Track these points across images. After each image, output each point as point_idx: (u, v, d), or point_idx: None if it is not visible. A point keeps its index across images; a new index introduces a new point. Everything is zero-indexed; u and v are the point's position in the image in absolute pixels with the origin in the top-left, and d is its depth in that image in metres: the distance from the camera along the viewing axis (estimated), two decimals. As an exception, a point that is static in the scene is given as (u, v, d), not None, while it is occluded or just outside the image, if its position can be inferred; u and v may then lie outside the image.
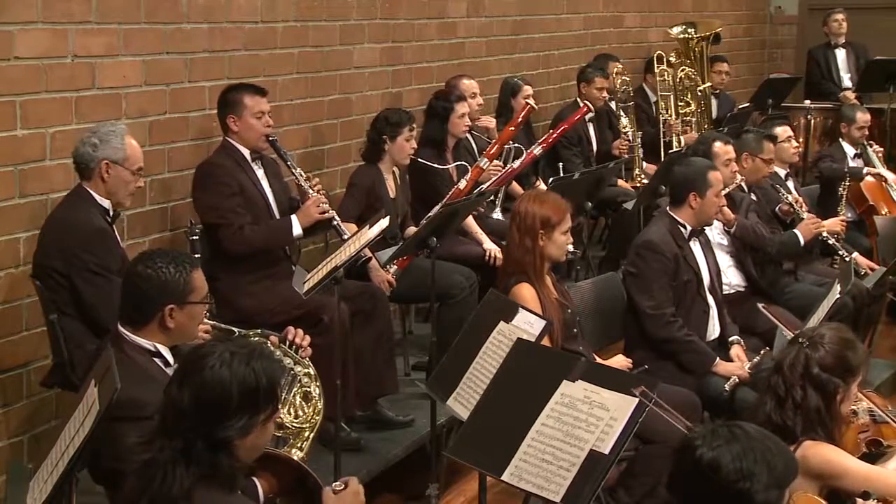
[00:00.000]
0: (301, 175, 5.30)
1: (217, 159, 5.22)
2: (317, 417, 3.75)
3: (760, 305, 5.30)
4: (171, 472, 2.72)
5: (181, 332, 3.52)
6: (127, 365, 3.32)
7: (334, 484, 3.04)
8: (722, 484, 2.60)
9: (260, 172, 5.29)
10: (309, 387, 3.80)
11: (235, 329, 3.91)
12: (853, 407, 3.62)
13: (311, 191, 5.26)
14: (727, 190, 5.93)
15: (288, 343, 3.86)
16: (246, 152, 5.23)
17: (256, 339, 3.82)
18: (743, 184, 6.33)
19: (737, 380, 5.08)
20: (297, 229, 5.20)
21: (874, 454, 3.74)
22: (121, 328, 3.50)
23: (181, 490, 2.71)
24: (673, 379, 4.98)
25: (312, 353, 5.07)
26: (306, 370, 3.82)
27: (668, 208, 5.41)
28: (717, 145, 6.06)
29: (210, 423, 2.74)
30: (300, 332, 3.92)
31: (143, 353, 3.47)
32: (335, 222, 5.28)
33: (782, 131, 7.10)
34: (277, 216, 5.29)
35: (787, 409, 3.45)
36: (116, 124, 4.58)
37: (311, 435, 3.68)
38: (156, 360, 3.49)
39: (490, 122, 7.32)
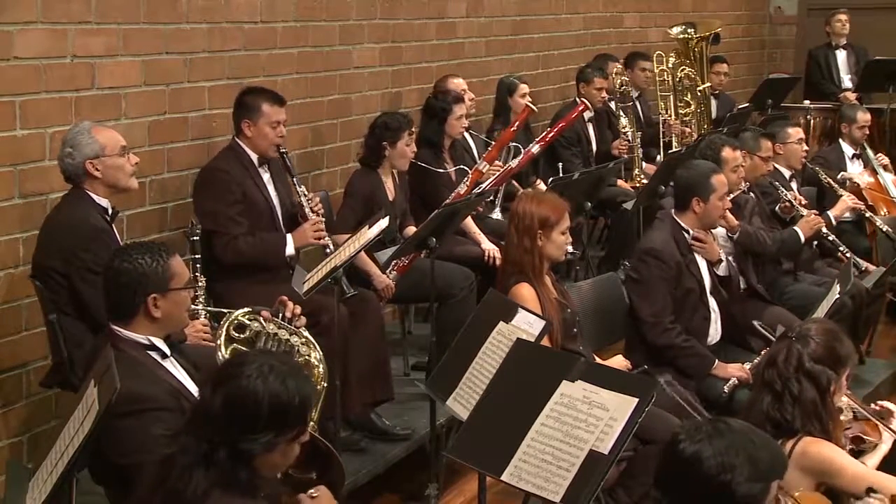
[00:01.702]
0: (305, 194, 5.28)
1: (223, 164, 5.20)
2: (322, 384, 3.75)
3: (757, 324, 5.23)
4: (187, 474, 2.73)
5: (169, 321, 3.53)
6: (122, 361, 3.33)
7: (310, 491, 3.05)
8: (703, 477, 2.64)
9: (266, 177, 5.28)
10: (309, 355, 3.80)
11: (226, 310, 3.91)
12: (839, 404, 3.65)
13: (311, 213, 5.24)
14: (733, 195, 5.93)
15: (281, 316, 3.86)
16: (254, 157, 5.22)
17: (247, 317, 3.82)
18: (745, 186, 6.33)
19: (736, 382, 5.08)
20: (290, 249, 5.19)
21: (856, 451, 3.77)
22: (112, 326, 3.51)
23: (195, 494, 2.71)
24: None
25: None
26: (303, 340, 3.82)
27: (672, 212, 5.39)
28: (727, 151, 6.01)
29: (236, 433, 2.75)
30: (291, 303, 3.91)
31: (137, 348, 3.48)
32: (328, 249, 5.23)
33: (794, 132, 7.07)
34: (281, 221, 5.29)
35: (784, 403, 3.48)
36: (79, 124, 4.54)
37: (319, 402, 3.68)
38: (151, 353, 3.50)
39: None
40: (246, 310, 3.87)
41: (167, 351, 3.53)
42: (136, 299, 3.47)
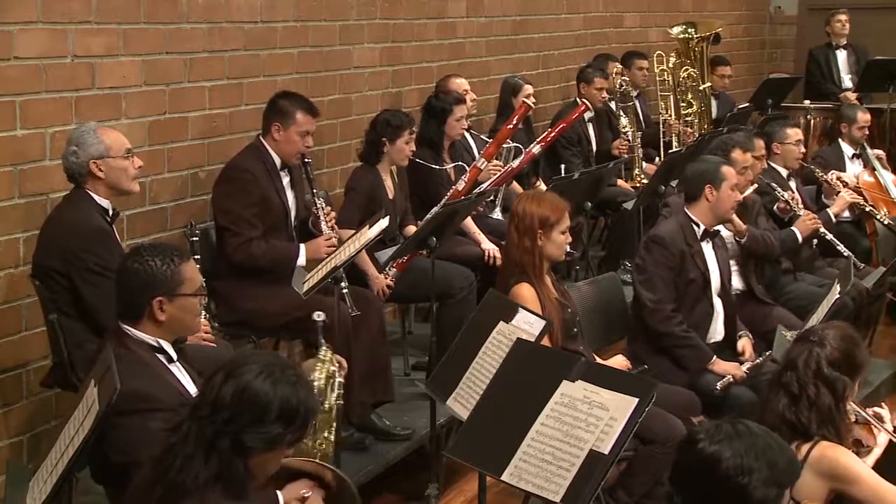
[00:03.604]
0: (322, 207, 5.29)
1: (247, 163, 5.21)
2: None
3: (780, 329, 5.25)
4: (188, 463, 2.73)
5: (177, 325, 3.52)
6: (129, 359, 3.35)
7: (302, 492, 3.06)
8: (721, 478, 2.63)
9: (286, 180, 5.30)
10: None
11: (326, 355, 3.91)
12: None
13: (326, 226, 5.25)
14: (741, 196, 5.94)
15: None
16: (277, 160, 5.24)
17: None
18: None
19: (731, 379, 5.08)
20: (301, 260, 5.19)
21: (856, 453, 3.75)
22: (122, 324, 3.51)
23: (195, 483, 2.71)
24: (668, 374, 5.01)
25: (314, 355, 5.09)
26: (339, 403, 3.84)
27: (683, 206, 5.42)
28: (736, 152, 6.03)
29: (243, 423, 2.75)
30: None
31: (145, 349, 3.48)
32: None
33: (793, 133, 7.08)
34: (294, 225, 5.31)
35: (801, 407, 3.47)
36: (86, 124, 4.55)
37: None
38: (158, 355, 3.50)
39: None
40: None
41: (174, 355, 3.53)
42: (142, 301, 3.46)
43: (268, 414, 2.76)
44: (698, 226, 5.32)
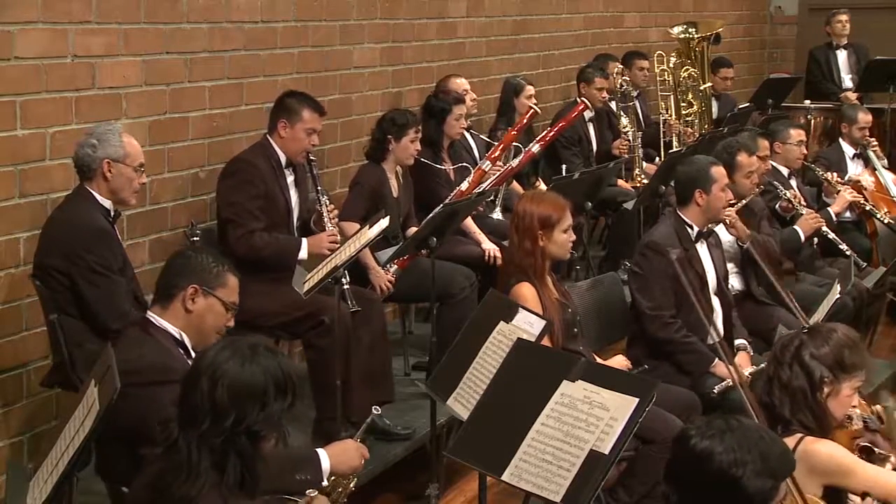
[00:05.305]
0: (326, 204, 5.31)
1: (253, 158, 5.24)
2: None
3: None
4: (197, 477, 2.73)
5: (198, 326, 3.56)
6: (151, 343, 3.45)
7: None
8: (715, 472, 2.64)
9: (290, 178, 5.33)
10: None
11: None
12: (848, 412, 3.61)
13: (329, 222, 5.27)
14: (745, 201, 5.93)
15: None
16: (283, 158, 5.26)
17: None
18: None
19: (729, 383, 5.06)
20: (303, 253, 5.21)
21: (867, 461, 3.73)
22: (149, 313, 3.59)
23: (199, 492, 2.72)
24: (669, 378, 4.99)
25: (314, 355, 5.10)
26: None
27: (675, 209, 5.40)
28: (742, 156, 6.01)
29: (253, 414, 2.78)
30: None
31: (167, 338, 3.53)
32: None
33: (796, 133, 7.09)
34: (296, 223, 5.33)
35: (773, 388, 3.48)
36: (113, 123, 4.58)
37: None
38: (179, 349, 3.54)
39: None
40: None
41: (192, 353, 3.56)
42: (180, 283, 3.54)
43: (267, 395, 2.81)
44: (692, 228, 5.31)
